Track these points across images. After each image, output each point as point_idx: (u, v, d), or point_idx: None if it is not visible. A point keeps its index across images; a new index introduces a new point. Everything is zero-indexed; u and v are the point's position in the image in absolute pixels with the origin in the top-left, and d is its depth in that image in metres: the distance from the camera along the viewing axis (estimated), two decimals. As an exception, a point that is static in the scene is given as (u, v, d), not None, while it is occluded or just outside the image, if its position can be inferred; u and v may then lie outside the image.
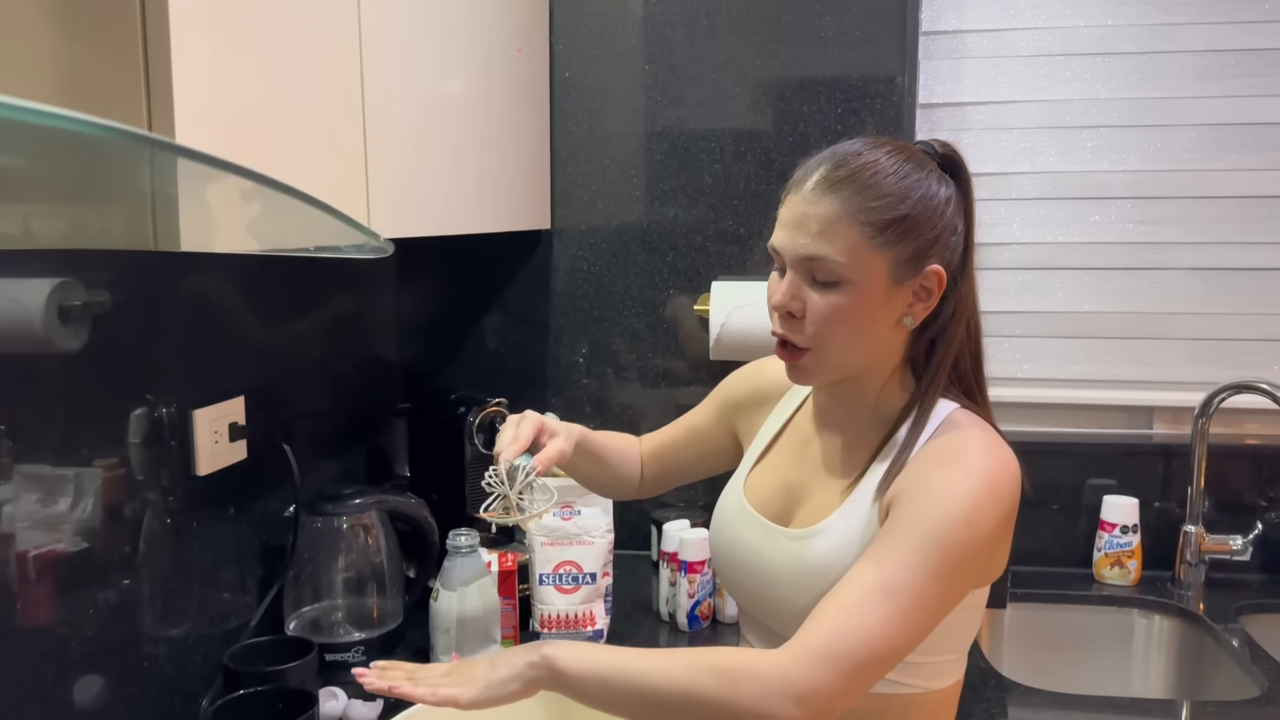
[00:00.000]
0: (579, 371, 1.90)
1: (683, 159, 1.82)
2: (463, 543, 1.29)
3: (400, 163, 1.14)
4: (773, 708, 0.82)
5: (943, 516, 0.89)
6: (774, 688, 0.83)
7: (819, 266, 0.94)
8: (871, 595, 0.86)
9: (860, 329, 0.96)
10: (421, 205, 1.21)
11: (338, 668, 1.39)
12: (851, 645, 0.84)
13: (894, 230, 0.93)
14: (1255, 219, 1.75)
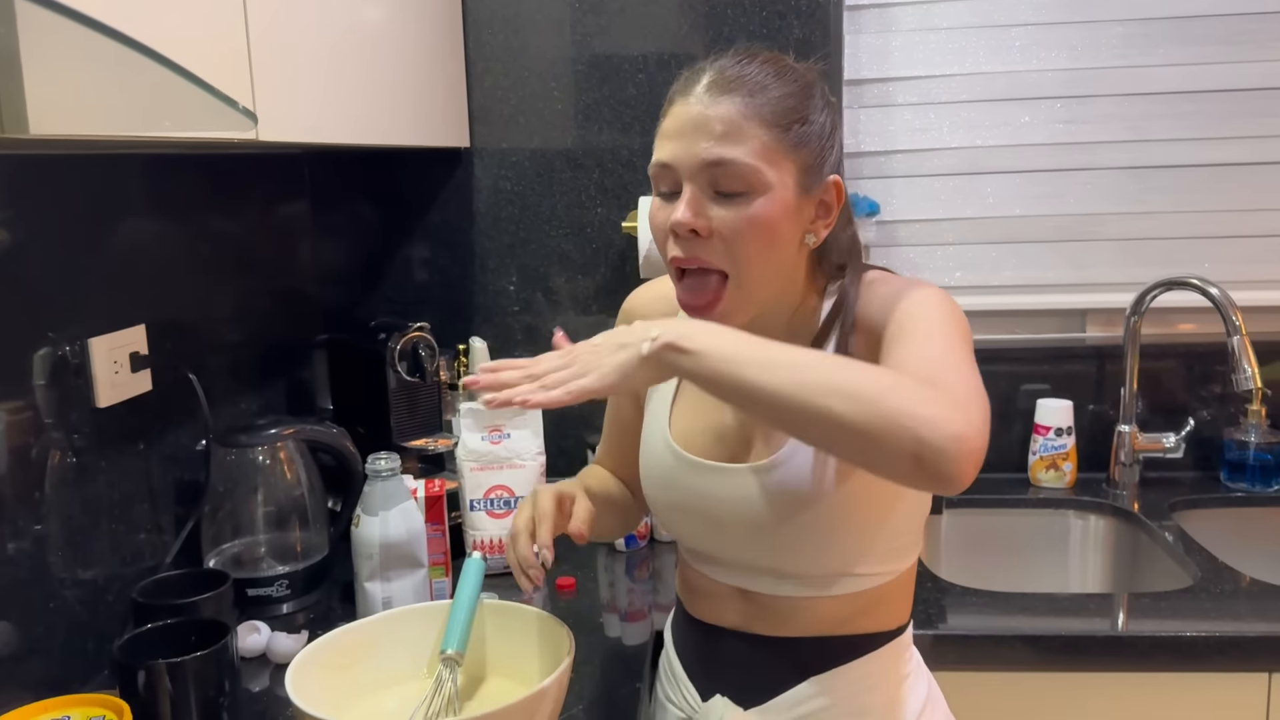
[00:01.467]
0: (508, 298, 1.84)
1: (605, 71, 1.76)
2: (382, 466, 1.24)
3: (290, 61, 1.06)
4: (948, 420, 0.75)
5: (936, 316, 0.87)
6: (944, 404, 0.76)
7: (724, 173, 0.86)
8: (938, 367, 0.82)
9: (774, 244, 0.88)
10: (318, 110, 1.14)
11: (261, 603, 1.35)
12: (975, 394, 0.80)
13: (797, 132, 0.87)
14: (1183, 115, 1.73)
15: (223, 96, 0.58)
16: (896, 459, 0.75)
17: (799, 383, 0.77)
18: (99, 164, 1.24)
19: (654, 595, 1.39)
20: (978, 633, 1.25)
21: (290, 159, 1.77)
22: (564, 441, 1.86)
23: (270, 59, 1.00)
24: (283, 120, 1.02)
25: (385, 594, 1.25)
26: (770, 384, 0.78)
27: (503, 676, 1.06)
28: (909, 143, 1.79)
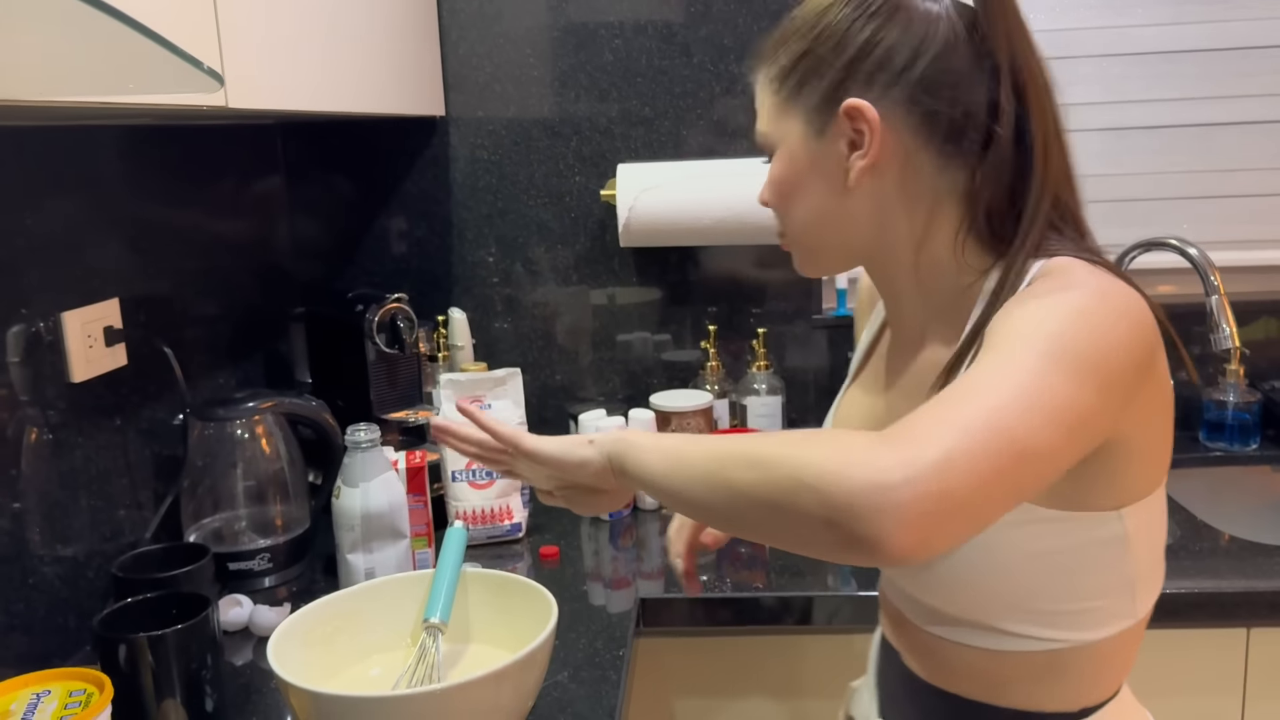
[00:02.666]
0: (487, 269, 1.83)
1: (581, 37, 1.74)
2: (362, 438, 1.23)
3: (260, 26, 1.04)
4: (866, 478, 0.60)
5: (1047, 317, 0.69)
6: (872, 449, 0.61)
7: (762, 148, 0.86)
8: (960, 392, 0.65)
9: (795, 197, 0.83)
10: (289, 77, 1.12)
11: (243, 576, 1.34)
12: (976, 415, 0.62)
13: (794, 76, 0.81)
14: (1161, 75, 1.73)
15: (187, 56, 0.57)
16: (804, 526, 0.62)
17: (708, 464, 0.70)
18: (71, 136, 1.22)
19: (638, 563, 1.40)
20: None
21: (263, 130, 1.74)
22: (546, 412, 1.86)
23: (239, 24, 0.98)
24: (253, 87, 1.01)
25: (367, 565, 1.24)
26: (685, 479, 0.71)
27: (487, 644, 1.07)
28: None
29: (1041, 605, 0.78)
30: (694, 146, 1.76)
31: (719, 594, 1.29)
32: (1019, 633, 0.79)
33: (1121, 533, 0.76)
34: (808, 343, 1.81)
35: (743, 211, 1.66)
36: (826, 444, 0.63)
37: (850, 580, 1.30)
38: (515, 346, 1.85)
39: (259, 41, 1.02)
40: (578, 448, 0.83)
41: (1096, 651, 0.80)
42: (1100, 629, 0.80)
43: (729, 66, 1.73)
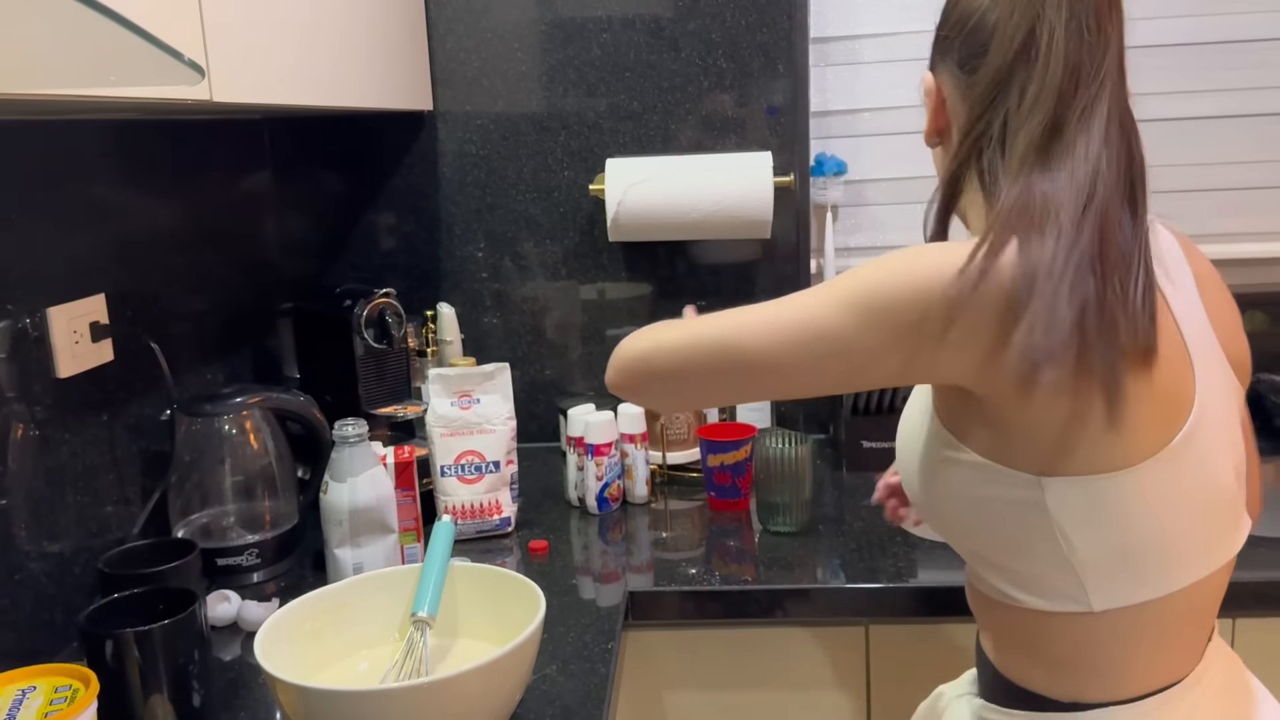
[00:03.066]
0: (476, 264, 1.83)
1: (569, 31, 1.74)
2: (350, 432, 1.23)
3: (245, 20, 1.04)
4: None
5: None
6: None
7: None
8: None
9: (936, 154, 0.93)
10: (274, 71, 1.12)
11: (231, 572, 1.34)
12: (720, 319, 0.85)
13: (933, 49, 0.90)
14: (1154, 69, 1.73)
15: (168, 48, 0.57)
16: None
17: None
18: (57, 131, 1.22)
19: (628, 557, 1.40)
20: (946, 585, 1.26)
21: (251, 125, 1.74)
22: (535, 407, 1.86)
23: (223, 18, 0.98)
24: (237, 81, 1.00)
25: (356, 560, 1.24)
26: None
27: (475, 638, 1.07)
28: (875, 101, 1.79)
29: (988, 554, 0.84)
30: (682, 141, 1.76)
31: (708, 587, 1.29)
32: (989, 580, 0.86)
33: (1040, 500, 0.78)
34: (796, 337, 1.81)
35: (731, 206, 1.66)
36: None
37: (839, 573, 1.30)
38: (505, 341, 1.85)
39: (243, 35, 1.01)
40: None
41: (1058, 631, 0.83)
42: (1049, 601, 0.82)
43: (717, 61, 1.73)
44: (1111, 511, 0.77)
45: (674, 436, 1.65)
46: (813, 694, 1.31)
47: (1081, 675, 0.84)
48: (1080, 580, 0.80)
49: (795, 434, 1.47)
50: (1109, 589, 0.80)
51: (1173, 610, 0.81)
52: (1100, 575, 0.79)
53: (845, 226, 1.84)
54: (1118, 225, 0.76)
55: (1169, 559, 0.79)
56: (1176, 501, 0.78)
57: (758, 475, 1.48)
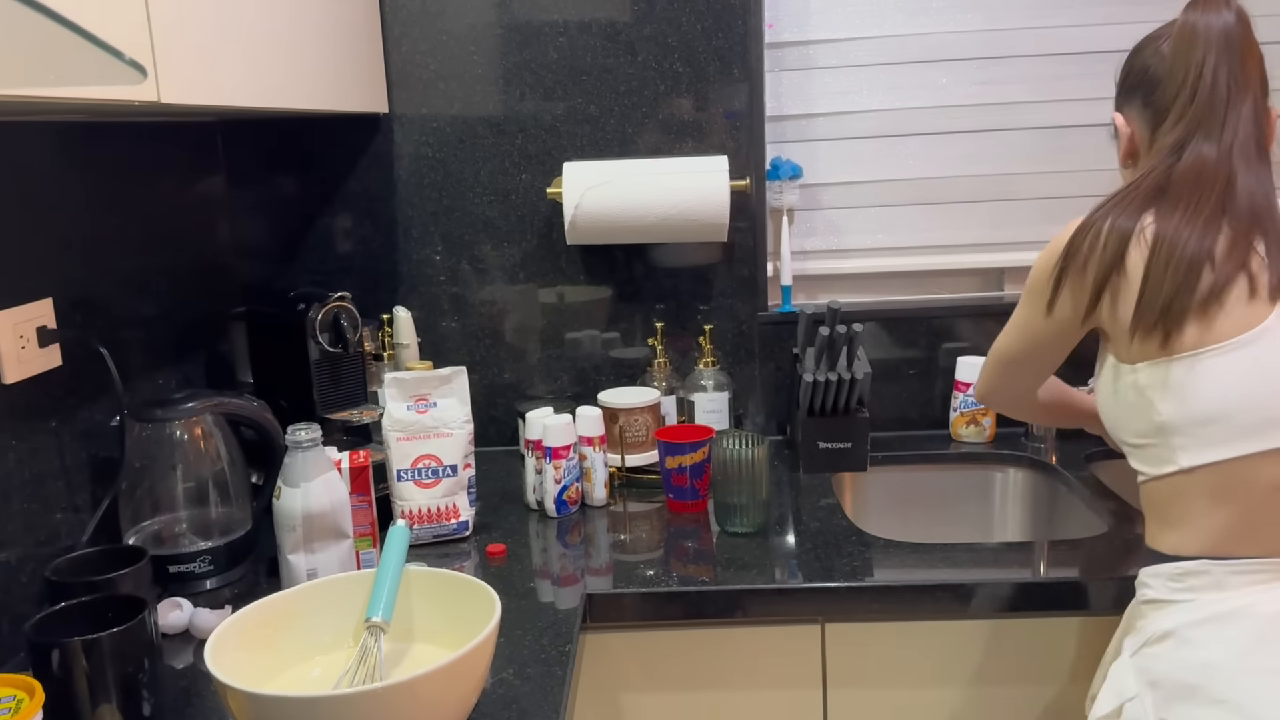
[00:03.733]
0: (433, 267, 1.82)
1: (526, 35, 1.74)
2: (303, 437, 1.22)
3: (194, 20, 1.03)
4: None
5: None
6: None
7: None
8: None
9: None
10: (225, 72, 1.10)
11: (184, 579, 1.32)
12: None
13: (1117, 94, 1.20)
14: (1096, 74, 1.77)
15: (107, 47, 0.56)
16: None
17: None
18: (3, 132, 1.20)
19: (586, 560, 1.40)
20: (901, 584, 1.28)
21: (204, 127, 1.72)
22: (494, 410, 1.86)
23: (172, 18, 0.97)
24: (187, 82, 0.99)
25: (310, 566, 1.23)
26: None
27: (430, 643, 1.06)
28: (830, 105, 1.80)
29: (1121, 434, 1.10)
30: (640, 145, 1.77)
31: (665, 588, 1.29)
32: (1131, 465, 1.10)
33: (1136, 381, 1.05)
34: (754, 339, 1.83)
35: (687, 209, 1.67)
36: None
37: (796, 573, 1.31)
38: (463, 345, 1.85)
39: (193, 36, 1.00)
40: None
41: (1165, 493, 1.05)
42: (1154, 467, 1.05)
43: (673, 65, 1.74)
44: (1191, 388, 1.01)
45: (632, 439, 1.65)
46: (770, 693, 1.32)
47: (1183, 530, 1.04)
48: (1169, 444, 1.03)
49: (752, 435, 1.48)
50: (1192, 449, 1.01)
51: (1261, 476, 0.99)
52: (1185, 439, 1.01)
53: (801, 229, 1.85)
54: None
55: (1237, 426, 0.99)
56: (1236, 381, 0.99)
57: (715, 477, 1.48)
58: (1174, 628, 1.02)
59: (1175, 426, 1.02)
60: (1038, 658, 1.30)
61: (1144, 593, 1.08)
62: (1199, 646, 0.99)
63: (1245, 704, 0.95)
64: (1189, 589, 1.02)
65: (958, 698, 1.32)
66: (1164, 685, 1.01)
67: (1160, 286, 1.01)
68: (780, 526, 1.47)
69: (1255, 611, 0.98)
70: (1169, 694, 1.00)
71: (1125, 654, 1.07)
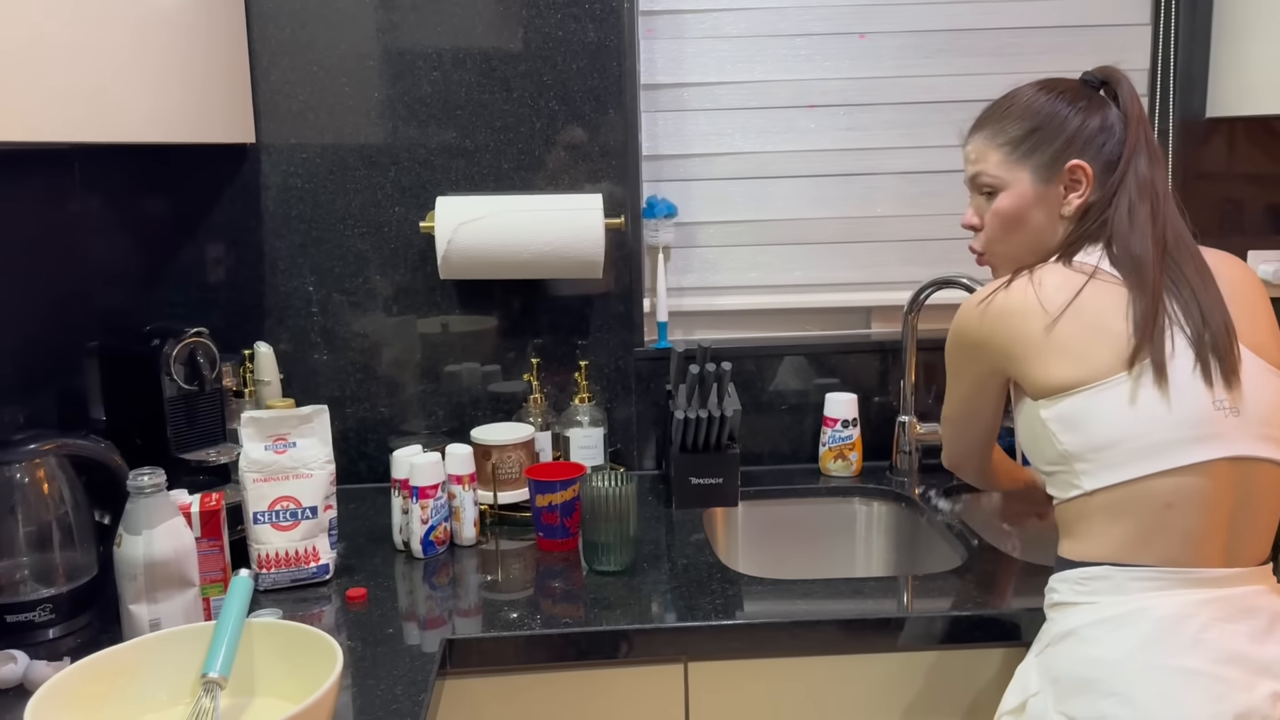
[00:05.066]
0: (303, 299, 1.78)
1: (398, 67, 1.73)
2: (145, 482, 1.18)
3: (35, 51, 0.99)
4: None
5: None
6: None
7: (980, 180, 1.26)
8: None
9: (1018, 223, 1.24)
10: (71, 105, 1.07)
11: (23, 629, 1.26)
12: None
13: (1026, 143, 1.23)
14: (957, 122, 1.83)
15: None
16: None
17: None
18: None
19: (454, 601, 1.38)
20: (762, 621, 1.30)
21: (58, 155, 1.65)
22: (365, 446, 1.83)
23: (7, 50, 0.93)
24: (29, 119, 0.95)
25: (153, 616, 1.19)
26: None
27: (273, 696, 1.03)
28: (703, 147, 1.84)
29: (1036, 463, 1.19)
30: (515, 180, 1.77)
31: (527, 631, 1.28)
32: (1048, 491, 1.20)
33: (1040, 416, 1.14)
34: (630, 375, 1.84)
35: (562, 246, 1.67)
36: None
37: (666, 611, 1.32)
38: (334, 379, 1.81)
39: (36, 70, 0.97)
40: None
41: (1068, 512, 1.15)
42: (1062, 491, 1.15)
43: (549, 103, 1.75)
44: (1083, 418, 1.11)
45: (505, 475, 1.64)
46: (633, 734, 1.32)
47: (1088, 541, 1.13)
48: (1074, 470, 1.12)
49: (622, 472, 1.49)
50: (1095, 474, 1.11)
51: (1153, 495, 1.08)
52: (1088, 464, 1.11)
53: (677, 267, 1.88)
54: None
55: (1128, 451, 1.08)
56: (1123, 411, 1.09)
57: (585, 515, 1.48)
58: (1075, 627, 1.10)
59: (1076, 454, 1.12)
60: (897, 692, 1.33)
61: (1051, 596, 1.17)
62: (1095, 644, 1.08)
63: (1135, 696, 1.03)
64: (1091, 592, 1.11)
65: (816, 733, 1.34)
66: (1063, 680, 1.09)
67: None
68: (649, 564, 1.48)
69: (1149, 614, 1.06)
70: (1067, 688, 1.08)
71: (1031, 655, 1.16)
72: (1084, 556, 1.13)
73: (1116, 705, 1.03)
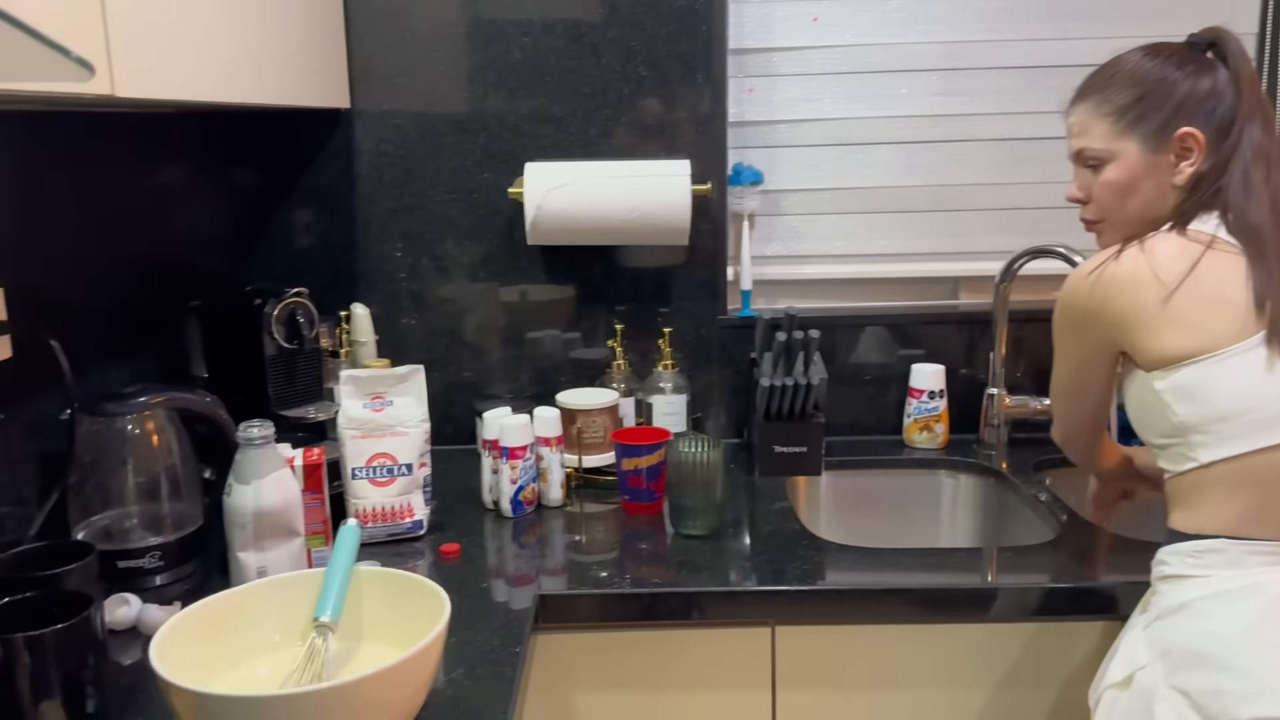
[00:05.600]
0: (393, 264, 1.81)
1: (489, 34, 1.74)
2: (255, 434, 1.21)
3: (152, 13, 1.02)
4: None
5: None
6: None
7: (1085, 156, 1.23)
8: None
9: (1128, 194, 1.20)
10: (182, 66, 1.10)
11: (133, 575, 1.31)
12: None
13: (1132, 112, 1.19)
14: (1050, 88, 1.79)
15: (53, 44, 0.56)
16: None
17: None
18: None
19: (541, 560, 1.40)
20: (851, 587, 1.30)
21: (162, 119, 1.70)
22: (453, 409, 1.86)
23: (130, 11, 0.96)
24: (144, 76, 0.99)
25: (260, 563, 1.23)
26: None
27: (379, 642, 1.06)
28: (791, 113, 1.82)
29: (1147, 436, 1.17)
30: (602, 147, 1.77)
31: (618, 590, 1.30)
32: (1160, 464, 1.16)
33: (1155, 388, 1.12)
34: (713, 343, 1.84)
35: (649, 212, 1.68)
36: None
37: (749, 576, 1.33)
38: (422, 343, 1.84)
39: (150, 30, 1.00)
40: None
41: (1181, 485, 1.13)
42: (1176, 464, 1.13)
43: (637, 68, 1.75)
44: (1202, 391, 1.09)
45: (590, 440, 1.66)
46: (719, 695, 1.34)
47: (1203, 513, 1.11)
48: (1190, 443, 1.10)
49: (707, 438, 1.49)
50: (1211, 447, 1.09)
51: (1274, 468, 1.07)
52: (1205, 437, 1.09)
53: (762, 235, 1.87)
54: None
55: (1250, 422, 1.07)
56: (1244, 381, 1.07)
57: (670, 479, 1.50)
58: (1188, 600, 1.08)
59: (1193, 425, 1.10)
60: (987, 662, 1.32)
61: (1160, 569, 1.15)
62: (1210, 618, 1.06)
63: (1251, 671, 1.01)
64: (1206, 565, 1.09)
65: (906, 701, 1.34)
66: (1174, 654, 1.07)
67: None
68: (734, 529, 1.49)
69: (1266, 589, 1.05)
70: (1179, 662, 1.06)
71: (1138, 628, 1.14)
72: (1198, 529, 1.11)
73: (1231, 680, 1.01)
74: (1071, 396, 1.31)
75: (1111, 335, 1.17)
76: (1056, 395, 1.33)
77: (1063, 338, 1.26)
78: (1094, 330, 1.19)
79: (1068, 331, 1.25)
